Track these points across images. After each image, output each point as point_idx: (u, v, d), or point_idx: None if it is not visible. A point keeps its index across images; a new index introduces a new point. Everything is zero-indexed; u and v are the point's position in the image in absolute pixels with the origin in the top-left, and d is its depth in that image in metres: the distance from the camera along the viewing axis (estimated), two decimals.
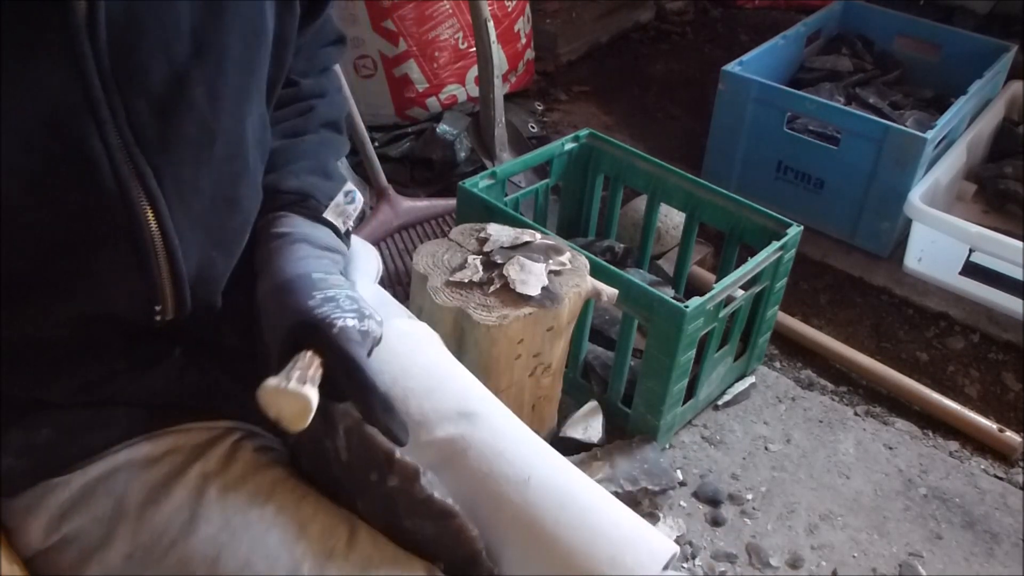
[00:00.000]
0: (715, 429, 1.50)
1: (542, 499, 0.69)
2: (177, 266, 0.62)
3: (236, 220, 0.69)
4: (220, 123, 0.62)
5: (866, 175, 1.79)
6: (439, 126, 1.99)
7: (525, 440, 0.75)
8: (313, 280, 0.66)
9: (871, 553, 1.31)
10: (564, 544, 0.67)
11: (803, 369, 1.64)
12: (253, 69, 0.65)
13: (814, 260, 1.86)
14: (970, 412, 1.50)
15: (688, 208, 1.54)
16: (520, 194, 1.56)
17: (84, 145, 0.54)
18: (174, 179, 0.59)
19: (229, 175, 0.65)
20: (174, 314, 0.64)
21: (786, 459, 1.45)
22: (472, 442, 0.72)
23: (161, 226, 0.59)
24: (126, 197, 0.57)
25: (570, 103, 2.38)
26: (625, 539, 0.69)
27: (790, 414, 1.54)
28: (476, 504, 0.69)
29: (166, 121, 0.58)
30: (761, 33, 2.36)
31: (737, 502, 1.37)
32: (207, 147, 0.61)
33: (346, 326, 0.62)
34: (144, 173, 0.57)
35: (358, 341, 0.62)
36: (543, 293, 1.11)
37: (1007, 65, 2.04)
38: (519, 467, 0.71)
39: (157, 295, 0.62)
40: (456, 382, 0.78)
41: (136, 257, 0.59)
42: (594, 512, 0.70)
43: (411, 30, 2.01)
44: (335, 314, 0.63)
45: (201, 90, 0.59)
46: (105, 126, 0.55)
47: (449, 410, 0.74)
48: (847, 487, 1.41)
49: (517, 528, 0.69)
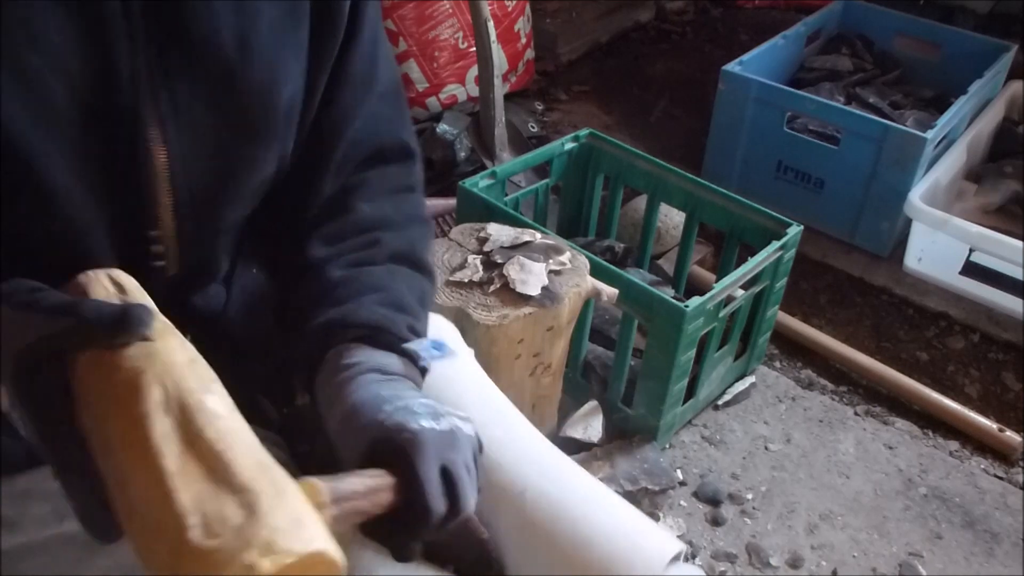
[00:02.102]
0: (715, 429, 1.50)
1: (536, 512, 0.71)
2: (179, 200, 0.62)
3: (253, 179, 0.68)
4: (246, 76, 0.62)
5: (866, 175, 1.79)
6: (439, 126, 1.99)
7: (523, 449, 0.76)
8: (384, 397, 0.61)
9: (871, 553, 1.31)
10: (559, 556, 0.69)
11: (803, 369, 1.64)
12: (287, 39, 0.65)
13: (814, 260, 1.86)
14: (970, 412, 1.51)
15: (688, 208, 1.54)
16: (520, 194, 1.56)
17: (111, 53, 0.55)
18: (188, 109, 0.60)
19: (251, 132, 0.65)
20: (177, 259, 0.64)
21: (786, 459, 1.45)
22: None
23: (168, 153, 0.60)
24: (137, 112, 0.57)
25: (570, 103, 2.38)
26: (620, 547, 0.70)
27: (790, 414, 1.54)
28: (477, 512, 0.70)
29: (189, 54, 0.58)
30: (761, 33, 2.36)
31: (737, 502, 1.37)
32: (228, 94, 0.61)
33: (422, 428, 0.57)
34: (158, 94, 0.58)
35: (432, 442, 0.57)
36: (543, 293, 1.11)
37: (1007, 65, 2.04)
38: (515, 479, 0.72)
39: (155, 221, 0.62)
40: (456, 386, 0.78)
41: (138, 177, 0.60)
42: (588, 522, 0.71)
43: (411, 30, 2.01)
44: (406, 419, 0.58)
45: (231, 36, 0.60)
46: (135, 41, 0.55)
47: None
48: (847, 487, 1.41)
49: (516, 539, 0.70)
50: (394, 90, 0.76)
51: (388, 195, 0.76)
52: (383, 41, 0.74)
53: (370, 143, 0.74)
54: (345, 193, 0.74)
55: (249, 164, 0.67)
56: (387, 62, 0.75)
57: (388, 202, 0.75)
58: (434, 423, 0.58)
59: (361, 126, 0.73)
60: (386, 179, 0.76)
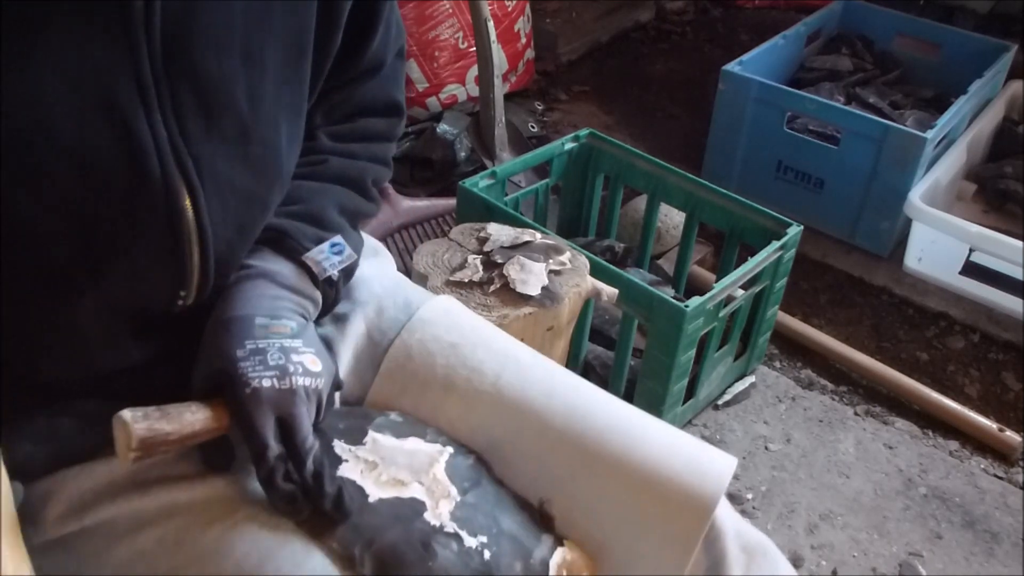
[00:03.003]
0: (715, 429, 1.50)
1: (605, 434, 0.70)
2: (207, 255, 0.63)
3: (266, 217, 0.70)
4: (257, 126, 0.63)
5: (866, 175, 1.79)
6: (439, 126, 1.99)
7: (575, 384, 0.75)
8: (254, 325, 0.64)
9: (871, 553, 1.31)
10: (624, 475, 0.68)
11: (803, 369, 1.64)
12: (291, 83, 0.67)
13: (814, 260, 1.86)
14: (970, 412, 1.51)
15: (688, 208, 1.54)
16: (520, 194, 1.56)
17: (132, 129, 0.55)
18: (212, 172, 0.61)
19: (264, 178, 0.66)
20: (195, 299, 0.66)
21: (786, 459, 1.45)
22: (527, 385, 0.73)
23: (197, 216, 0.60)
24: (168, 184, 0.58)
25: (570, 103, 2.38)
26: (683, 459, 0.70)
27: (790, 414, 1.54)
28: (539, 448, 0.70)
29: (209, 116, 0.59)
30: (761, 33, 2.36)
31: (737, 502, 1.37)
32: (243, 146, 0.63)
33: (260, 387, 0.61)
34: (185, 163, 0.58)
35: (269, 402, 0.61)
36: (543, 293, 1.11)
37: (1007, 65, 2.04)
38: (568, 406, 0.71)
39: (185, 281, 0.64)
40: (499, 341, 0.79)
41: (172, 243, 0.61)
42: (653, 440, 0.71)
43: (411, 30, 2.01)
44: (253, 372, 0.62)
45: (243, 92, 0.61)
46: (153, 113, 0.56)
47: (495, 362, 0.75)
48: (847, 487, 1.41)
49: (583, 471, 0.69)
50: (396, 58, 0.81)
51: (360, 138, 0.80)
52: (394, 22, 0.79)
53: (361, 102, 0.80)
54: (320, 126, 0.78)
55: (263, 207, 0.69)
56: (396, 38, 0.81)
57: (357, 143, 0.79)
58: (275, 382, 0.62)
59: (359, 97, 0.78)
60: (367, 128, 0.80)
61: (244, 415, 0.61)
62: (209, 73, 0.58)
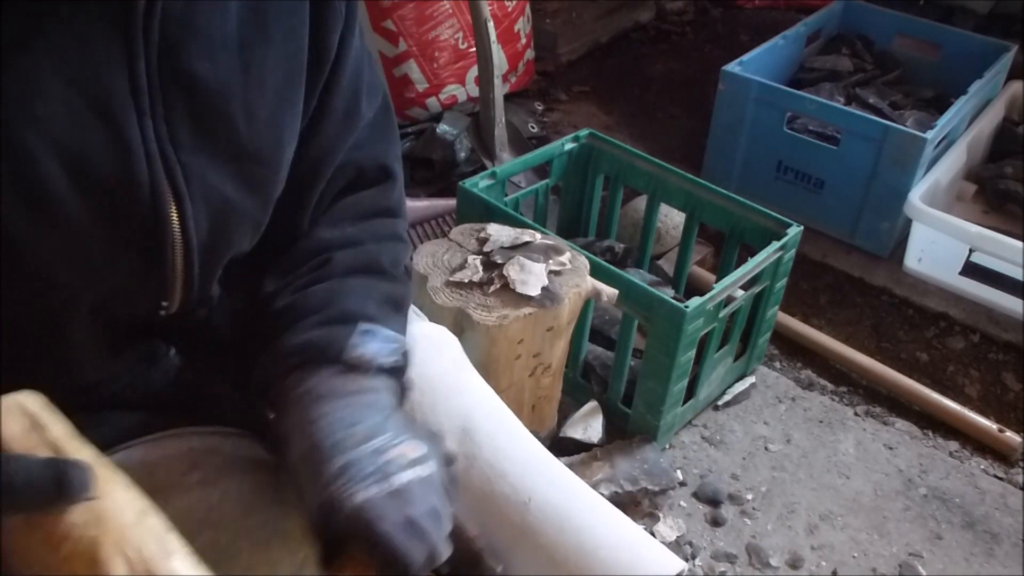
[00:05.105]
0: (715, 429, 1.50)
1: (541, 522, 0.71)
2: (191, 267, 0.62)
3: (253, 236, 0.68)
4: (255, 144, 0.62)
5: (866, 175, 1.78)
6: (439, 126, 1.99)
7: (527, 459, 0.76)
8: (332, 445, 0.59)
9: (871, 553, 1.31)
10: (563, 565, 0.69)
11: (803, 369, 1.64)
12: (288, 95, 0.65)
13: (814, 260, 1.86)
14: (970, 412, 1.50)
15: (688, 208, 1.54)
16: (520, 194, 1.56)
17: (123, 130, 0.55)
18: (200, 182, 0.59)
19: (258, 196, 0.65)
20: (178, 308, 0.65)
21: (786, 459, 1.45)
22: (474, 461, 0.73)
23: (183, 224, 0.59)
24: (155, 189, 0.57)
25: (570, 103, 2.38)
26: (625, 560, 0.70)
27: (790, 414, 1.54)
28: (479, 521, 0.70)
29: (201, 127, 0.58)
30: (761, 33, 2.36)
31: (737, 502, 1.37)
32: (237, 162, 0.62)
33: (367, 498, 0.56)
34: (173, 170, 0.58)
35: (382, 508, 0.56)
36: (543, 293, 1.11)
37: (1007, 65, 2.04)
38: (520, 488, 0.72)
39: (168, 290, 0.62)
40: (463, 396, 0.78)
41: (156, 250, 0.60)
42: (594, 533, 0.71)
43: (411, 30, 2.01)
44: (349, 487, 0.57)
45: (239, 107, 0.60)
46: (144, 116, 0.55)
47: (453, 426, 0.74)
48: (847, 487, 1.41)
49: (518, 548, 0.70)
50: (377, 114, 0.74)
51: (354, 219, 0.73)
52: (367, 70, 0.72)
53: (350, 171, 0.73)
54: (310, 221, 0.72)
55: (250, 220, 0.67)
56: (372, 90, 0.73)
57: (353, 225, 0.73)
58: (380, 487, 0.57)
59: (343, 159, 0.72)
60: (358, 203, 0.74)
61: (366, 533, 0.56)
62: (204, 81, 0.57)
